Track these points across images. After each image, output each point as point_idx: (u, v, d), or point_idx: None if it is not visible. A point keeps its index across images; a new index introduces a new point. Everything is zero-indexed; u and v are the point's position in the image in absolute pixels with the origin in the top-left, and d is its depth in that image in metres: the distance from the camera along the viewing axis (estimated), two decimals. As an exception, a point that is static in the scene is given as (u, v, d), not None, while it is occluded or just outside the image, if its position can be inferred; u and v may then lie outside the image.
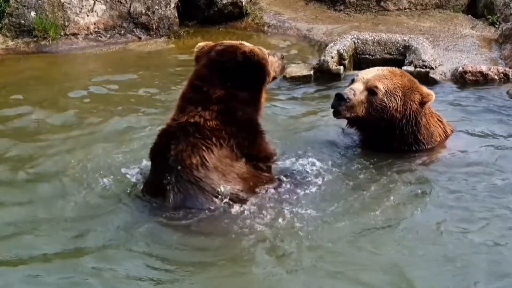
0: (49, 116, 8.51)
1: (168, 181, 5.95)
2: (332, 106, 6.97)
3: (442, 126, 7.34)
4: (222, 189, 5.96)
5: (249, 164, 6.16)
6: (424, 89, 7.11)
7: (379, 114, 6.93)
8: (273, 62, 6.47)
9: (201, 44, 6.37)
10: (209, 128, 5.98)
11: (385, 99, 6.89)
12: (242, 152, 6.11)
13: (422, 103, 7.03)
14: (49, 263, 5.52)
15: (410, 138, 7.09)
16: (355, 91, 6.92)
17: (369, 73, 7.06)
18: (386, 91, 6.90)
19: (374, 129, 7.07)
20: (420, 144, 7.14)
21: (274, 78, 6.57)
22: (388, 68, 7.26)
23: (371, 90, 6.92)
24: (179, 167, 5.90)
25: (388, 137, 7.07)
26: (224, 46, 6.27)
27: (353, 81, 7.12)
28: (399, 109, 6.93)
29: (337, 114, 6.97)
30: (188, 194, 5.93)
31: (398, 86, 6.93)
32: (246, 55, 6.13)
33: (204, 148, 5.93)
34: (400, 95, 6.92)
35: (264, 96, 6.42)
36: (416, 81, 7.22)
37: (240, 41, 6.43)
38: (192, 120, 5.99)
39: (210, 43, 6.38)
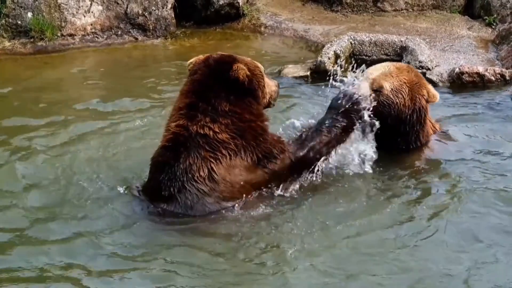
0: (46, 117, 8.50)
1: (170, 192, 5.97)
2: None
3: (432, 126, 7.27)
4: (227, 200, 6.01)
5: (260, 166, 6.16)
6: (431, 88, 7.06)
7: (386, 111, 6.89)
8: (269, 85, 6.47)
9: (192, 60, 6.35)
10: (219, 140, 6.01)
11: (391, 96, 6.87)
12: (253, 156, 6.12)
13: (427, 101, 6.98)
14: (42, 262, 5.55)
15: (414, 135, 7.00)
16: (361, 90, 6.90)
17: (375, 71, 7.03)
18: (392, 89, 6.87)
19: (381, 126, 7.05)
20: (417, 142, 7.04)
21: (269, 104, 6.53)
22: (395, 64, 7.19)
23: (376, 90, 6.90)
24: (185, 179, 5.92)
25: (393, 134, 7.01)
26: (220, 55, 6.30)
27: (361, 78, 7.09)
28: (407, 104, 6.87)
29: None
30: (190, 204, 5.96)
31: (405, 82, 6.87)
32: (235, 75, 6.10)
33: (212, 160, 5.97)
34: (407, 90, 6.87)
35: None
36: (423, 77, 7.18)
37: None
38: (202, 132, 6.00)
39: (201, 56, 6.35)
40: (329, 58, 9.80)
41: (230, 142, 6.04)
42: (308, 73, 9.85)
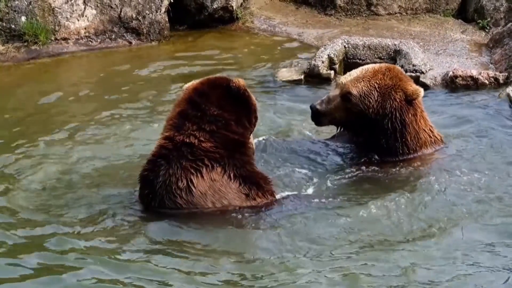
0: (41, 118, 8.53)
1: (152, 207, 5.98)
2: (311, 117, 7.12)
3: (430, 132, 7.11)
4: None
5: (243, 187, 6.05)
6: (410, 86, 6.89)
7: (357, 117, 6.88)
8: None
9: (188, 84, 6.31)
10: (204, 149, 5.92)
11: (359, 103, 6.86)
12: (236, 173, 6.01)
13: (408, 101, 6.84)
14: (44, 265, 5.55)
15: (398, 138, 6.90)
16: (330, 98, 6.97)
17: (349, 76, 7.01)
18: (360, 95, 6.85)
19: (360, 130, 7.03)
20: (404, 147, 6.95)
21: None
22: (374, 66, 7.11)
23: (344, 96, 6.90)
24: (164, 192, 5.89)
25: (376, 136, 6.95)
26: (215, 76, 6.36)
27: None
28: (377, 108, 6.82)
29: (316, 123, 7.17)
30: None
31: (375, 87, 6.82)
32: (236, 84, 6.08)
33: (192, 170, 5.88)
34: (376, 96, 6.82)
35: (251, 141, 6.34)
36: (404, 78, 7.00)
37: None
38: (187, 140, 5.92)
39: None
40: (322, 62, 9.81)
41: (214, 151, 5.93)
42: (302, 76, 9.86)
